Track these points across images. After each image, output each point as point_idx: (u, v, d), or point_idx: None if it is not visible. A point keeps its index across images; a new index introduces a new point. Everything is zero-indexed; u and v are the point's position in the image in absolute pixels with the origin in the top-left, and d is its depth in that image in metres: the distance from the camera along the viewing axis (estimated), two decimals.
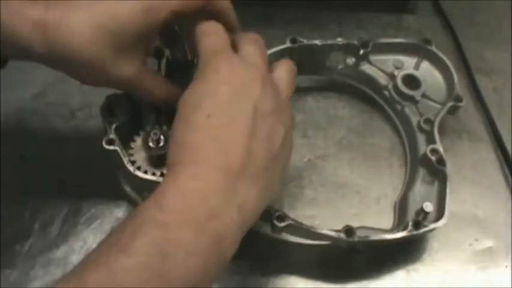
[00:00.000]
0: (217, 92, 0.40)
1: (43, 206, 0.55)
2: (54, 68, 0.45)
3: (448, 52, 0.62)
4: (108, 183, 0.56)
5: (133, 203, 0.54)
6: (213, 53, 0.43)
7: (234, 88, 0.40)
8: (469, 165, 0.60)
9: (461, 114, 0.63)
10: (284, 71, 0.46)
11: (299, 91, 0.64)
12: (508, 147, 0.60)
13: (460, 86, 0.59)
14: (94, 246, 0.52)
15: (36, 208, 0.55)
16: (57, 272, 0.52)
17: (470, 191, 0.58)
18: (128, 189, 0.53)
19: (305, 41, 0.59)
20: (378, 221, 0.54)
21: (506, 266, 0.54)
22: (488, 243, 0.55)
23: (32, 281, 0.51)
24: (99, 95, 0.51)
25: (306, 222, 0.51)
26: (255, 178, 0.39)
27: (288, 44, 0.59)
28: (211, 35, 0.44)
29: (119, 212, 0.55)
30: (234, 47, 0.45)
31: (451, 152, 0.59)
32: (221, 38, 0.44)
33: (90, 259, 0.34)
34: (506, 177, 0.59)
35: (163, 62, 0.53)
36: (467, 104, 0.64)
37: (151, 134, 0.49)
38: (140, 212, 0.36)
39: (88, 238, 0.54)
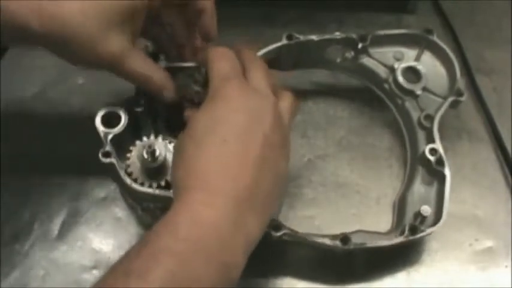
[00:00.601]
0: (234, 118, 0.41)
1: (43, 206, 0.55)
2: (50, 49, 0.45)
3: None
4: (109, 183, 0.56)
5: (133, 209, 0.54)
6: (226, 77, 0.43)
7: (249, 116, 0.41)
8: (469, 165, 0.60)
9: (461, 114, 0.63)
10: (288, 102, 0.46)
11: (299, 91, 0.64)
12: (508, 147, 0.60)
13: (460, 85, 0.59)
14: (93, 246, 0.53)
15: (36, 208, 0.55)
16: (56, 272, 0.52)
17: (470, 191, 0.58)
18: (127, 197, 0.53)
19: (301, 37, 0.58)
20: (377, 221, 0.54)
21: (506, 266, 0.54)
22: (488, 243, 0.55)
23: (32, 281, 0.51)
24: (99, 95, 0.52)
25: (306, 222, 0.51)
26: (260, 207, 0.40)
27: (284, 41, 0.58)
28: (222, 59, 0.45)
29: (119, 212, 0.55)
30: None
31: (451, 152, 0.59)
32: (233, 63, 0.45)
33: (106, 285, 0.35)
34: (506, 177, 0.59)
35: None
36: (467, 104, 0.64)
37: (147, 146, 0.49)
38: (154, 239, 0.36)
39: (88, 238, 0.54)
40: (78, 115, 0.61)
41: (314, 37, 0.58)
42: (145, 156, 0.48)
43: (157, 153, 0.48)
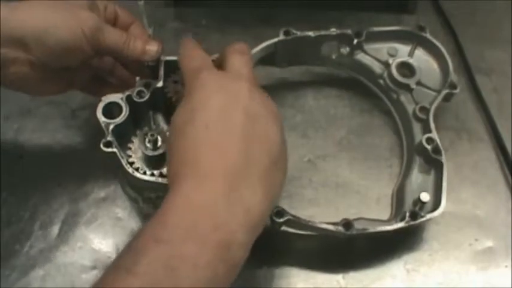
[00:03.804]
0: (209, 103, 0.41)
1: (43, 206, 0.55)
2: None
3: (448, 52, 0.61)
4: (109, 183, 0.56)
5: (134, 201, 0.54)
6: (196, 70, 0.44)
7: (224, 98, 0.41)
8: (469, 165, 0.60)
9: (461, 114, 0.63)
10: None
11: (298, 90, 0.64)
12: (508, 147, 0.60)
13: (460, 85, 0.59)
14: (93, 246, 0.53)
15: (36, 208, 0.55)
16: (56, 273, 0.52)
17: (470, 191, 0.58)
18: (128, 188, 0.54)
19: (298, 33, 0.58)
20: None
21: (506, 266, 0.54)
22: (488, 243, 0.55)
23: (32, 281, 0.51)
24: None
25: None
26: (258, 180, 0.39)
27: (281, 37, 0.58)
28: (190, 55, 0.46)
29: (119, 212, 0.55)
30: (222, 61, 0.46)
31: (451, 152, 0.59)
32: (201, 57, 0.46)
33: (98, 285, 0.35)
34: (506, 177, 0.59)
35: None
36: (467, 104, 0.64)
37: (148, 135, 0.49)
38: (144, 231, 0.36)
39: (88, 238, 0.54)
40: (79, 115, 0.61)
41: (311, 33, 0.59)
42: (147, 144, 0.49)
43: (159, 141, 0.49)
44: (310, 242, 0.52)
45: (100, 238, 0.54)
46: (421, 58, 0.62)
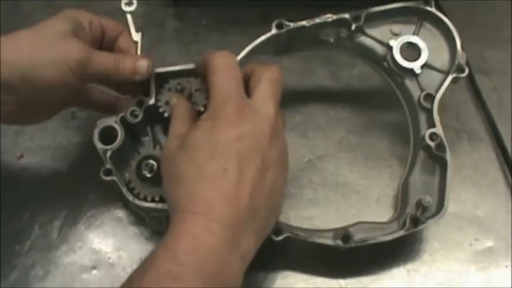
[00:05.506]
0: (234, 146, 0.42)
1: (43, 206, 0.55)
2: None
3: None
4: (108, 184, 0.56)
5: (141, 219, 0.54)
6: (229, 96, 0.44)
7: (249, 144, 0.42)
8: (469, 165, 0.60)
9: (461, 114, 0.63)
10: (281, 116, 0.47)
11: (298, 90, 0.64)
12: (508, 147, 0.60)
13: (460, 85, 0.58)
14: (93, 246, 0.53)
15: (36, 209, 0.55)
16: (56, 272, 0.52)
17: (470, 191, 0.58)
18: (133, 208, 0.53)
19: (292, 24, 0.56)
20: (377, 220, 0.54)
21: (506, 266, 0.54)
22: (488, 243, 0.55)
23: (32, 281, 0.51)
24: None
25: (306, 222, 0.51)
26: (255, 230, 0.42)
27: (274, 31, 0.55)
28: (224, 73, 0.45)
29: (119, 212, 0.55)
30: (251, 75, 0.46)
31: (451, 152, 0.59)
32: (234, 78, 0.45)
33: None
34: (506, 177, 0.59)
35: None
36: (467, 104, 0.64)
37: (143, 164, 0.49)
38: (156, 264, 0.38)
39: (88, 238, 0.54)
40: (78, 115, 0.61)
41: (305, 23, 0.56)
42: (143, 172, 0.49)
43: (155, 167, 0.48)
44: (310, 244, 0.52)
45: (100, 238, 0.54)
46: (427, 36, 0.57)
